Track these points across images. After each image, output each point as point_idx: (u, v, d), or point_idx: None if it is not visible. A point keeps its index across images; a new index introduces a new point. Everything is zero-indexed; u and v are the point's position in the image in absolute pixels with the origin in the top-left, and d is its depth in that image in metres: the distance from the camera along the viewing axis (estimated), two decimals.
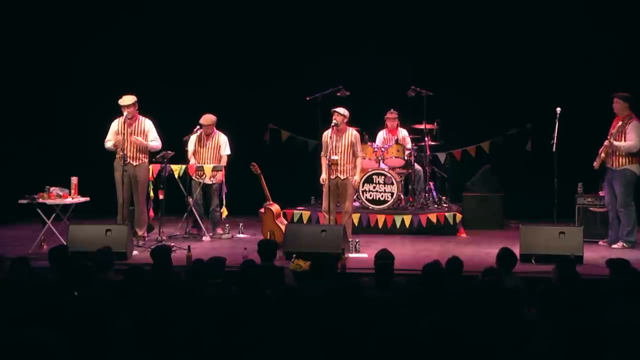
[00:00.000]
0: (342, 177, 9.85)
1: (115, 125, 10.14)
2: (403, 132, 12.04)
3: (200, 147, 10.81)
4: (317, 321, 4.43)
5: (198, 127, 10.76)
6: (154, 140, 10.19)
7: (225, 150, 10.81)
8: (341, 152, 9.83)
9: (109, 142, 10.11)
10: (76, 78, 13.09)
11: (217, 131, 10.85)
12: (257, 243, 7.52)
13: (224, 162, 10.77)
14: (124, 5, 12.99)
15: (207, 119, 10.71)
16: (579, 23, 12.16)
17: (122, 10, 12.97)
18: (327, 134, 9.91)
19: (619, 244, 9.66)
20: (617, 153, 9.67)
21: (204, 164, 10.69)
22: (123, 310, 4.62)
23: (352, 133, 9.93)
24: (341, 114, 9.81)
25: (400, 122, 12.06)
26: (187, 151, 10.82)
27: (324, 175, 9.88)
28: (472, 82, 12.49)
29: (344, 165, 9.85)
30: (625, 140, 9.62)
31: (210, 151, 10.80)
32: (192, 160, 10.74)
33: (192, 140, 10.81)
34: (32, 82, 12.94)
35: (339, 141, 9.84)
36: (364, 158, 10.56)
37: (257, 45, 13.09)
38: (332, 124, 9.79)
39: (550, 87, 11.95)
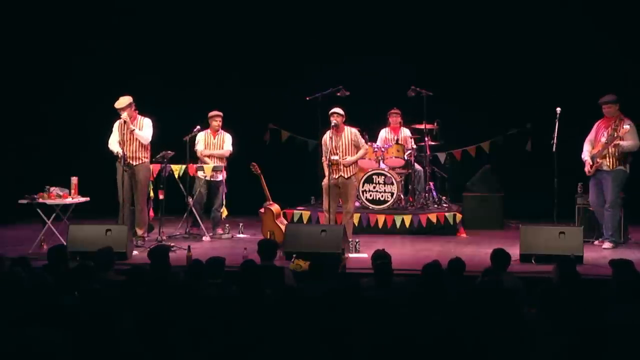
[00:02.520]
0: (345, 176, 9.85)
1: (117, 126, 10.11)
2: (405, 132, 12.02)
3: (207, 146, 10.85)
4: (317, 321, 4.43)
5: (198, 127, 10.75)
6: (145, 132, 10.05)
7: (228, 145, 10.86)
8: (342, 151, 9.83)
9: (113, 146, 10.04)
10: (76, 78, 13.09)
11: (222, 130, 10.90)
12: (257, 243, 7.52)
13: (225, 153, 10.84)
14: (125, 5, 13.00)
15: (216, 112, 10.83)
16: (579, 23, 12.16)
17: (123, 11, 12.98)
18: (326, 136, 9.91)
19: (608, 244, 9.66)
20: (612, 154, 9.67)
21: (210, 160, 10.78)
22: (124, 310, 4.62)
23: (350, 131, 9.93)
24: (340, 114, 9.82)
25: (403, 121, 12.05)
26: (196, 150, 10.83)
27: (326, 180, 9.87)
28: (472, 82, 12.50)
29: (344, 164, 9.85)
30: (623, 140, 9.62)
31: (216, 149, 10.87)
32: (206, 159, 10.81)
33: (201, 138, 10.80)
34: (32, 82, 12.95)
35: (339, 141, 9.84)
36: (368, 149, 10.69)
37: (258, 45, 13.10)
38: (332, 124, 9.80)
39: (550, 87, 11.95)
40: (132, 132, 9.94)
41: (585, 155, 9.82)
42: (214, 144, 10.89)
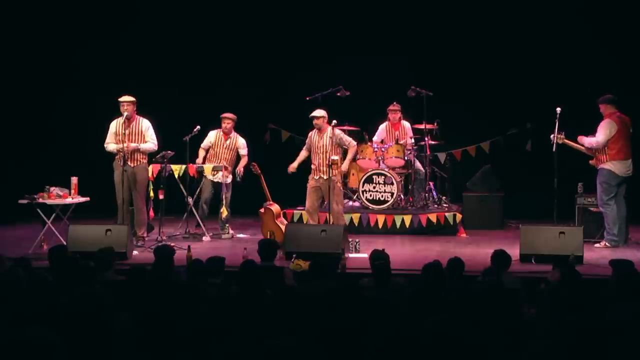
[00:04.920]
0: (324, 177, 9.84)
1: (114, 126, 10.11)
2: (406, 126, 11.98)
3: (217, 147, 10.83)
4: (317, 321, 4.43)
5: (198, 127, 10.73)
6: (149, 142, 10.08)
7: (244, 151, 10.94)
8: (322, 151, 9.86)
9: (110, 146, 10.06)
10: (76, 78, 13.09)
11: (236, 133, 10.93)
12: (257, 243, 7.52)
13: (244, 162, 10.90)
14: (125, 6, 13.00)
15: (229, 115, 10.85)
16: (579, 23, 12.17)
17: (123, 12, 12.99)
18: (312, 133, 9.99)
19: (602, 243, 9.68)
20: (597, 152, 9.73)
21: (220, 163, 10.76)
22: (124, 311, 4.62)
23: (333, 131, 9.92)
24: (319, 117, 9.88)
25: (402, 115, 12.02)
26: (201, 148, 10.84)
27: (294, 165, 10.11)
28: (473, 82, 12.50)
29: (325, 165, 9.86)
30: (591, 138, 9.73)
31: (227, 151, 10.85)
32: (201, 153, 10.84)
33: (210, 137, 10.81)
34: (33, 83, 12.95)
35: (320, 142, 9.88)
36: (359, 150, 10.75)
37: (258, 45, 13.09)
38: (316, 128, 9.88)
39: (550, 87, 11.95)
40: (139, 140, 9.99)
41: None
42: (224, 146, 10.88)
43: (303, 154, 10.19)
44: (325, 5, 12.81)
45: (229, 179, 10.77)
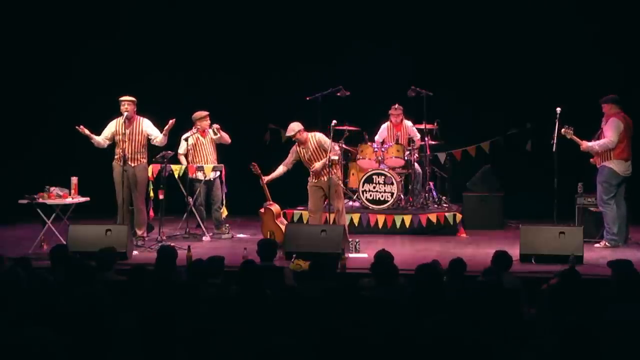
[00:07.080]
0: (324, 179, 9.74)
1: (113, 126, 10.13)
2: (408, 124, 11.93)
3: (198, 147, 10.77)
4: (316, 321, 4.44)
5: (198, 127, 10.71)
6: (160, 136, 10.15)
7: (227, 137, 10.81)
8: (314, 158, 9.70)
9: (102, 141, 10.11)
10: (76, 77, 13.09)
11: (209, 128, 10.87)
12: (257, 243, 7.52)
13: (226, 140, 10.76)
14: (124, 4, 13.00)
15: (200, 113, 10.70)
16: (579, 23, 12.17)
17: (122, 10, 12.99)
18: (296, 149, 9.79)
19: (602, 243, 9.68)
20: (597, 151, 9.75)
21: (205, 162, 10.71)
22: (125, 311, 4.63)
23: (314, 138, 9.74)
24: (294, 134, 9.60)
25: (404, 117, 11.97)
26: (180, 155, 10.77)
27: (267, 178, 9.89)
28: (473, 82, 12.49)
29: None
30: (602, 138, 9.70)
31: (210, 146, 10.81)
32: (183, 160, 10.76)
33: (188, 142, 10.73)
34: (32, 82, 12.95)
35: (306, 154, 9.71)
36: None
37: (258, 45, 13.09)
38: (298, 143, 9.70)
39: (550, 87, 11.95)
40: (141, 138, 10.03)
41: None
42: (204, 144, 10.78)
43: (280, 170, 9.89)
44: (325, 5, 12.80)
45: (217, 174, 10.74)
